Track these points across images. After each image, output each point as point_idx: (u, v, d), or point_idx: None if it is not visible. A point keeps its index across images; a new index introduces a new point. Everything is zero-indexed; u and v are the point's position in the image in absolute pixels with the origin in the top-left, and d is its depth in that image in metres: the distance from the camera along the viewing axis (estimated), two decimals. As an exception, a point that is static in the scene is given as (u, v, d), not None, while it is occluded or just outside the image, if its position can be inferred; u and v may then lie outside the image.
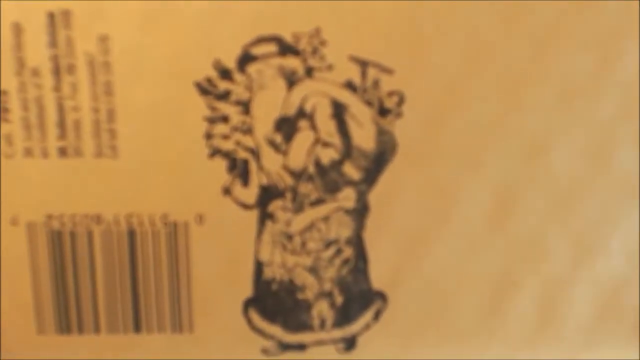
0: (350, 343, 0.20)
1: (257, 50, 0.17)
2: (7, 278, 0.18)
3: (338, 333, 0.20)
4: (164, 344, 0.19)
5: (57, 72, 0.17)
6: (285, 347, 0.20)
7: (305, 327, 0.20)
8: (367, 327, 0.20)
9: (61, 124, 0.17)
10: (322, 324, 0.20)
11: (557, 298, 0.20)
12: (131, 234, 0.18)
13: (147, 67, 0.17)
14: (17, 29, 0.16)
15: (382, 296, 0.19)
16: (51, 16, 0.16)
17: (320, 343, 0.20)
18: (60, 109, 0.17)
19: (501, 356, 0.20)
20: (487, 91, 0.18)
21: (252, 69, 0.17)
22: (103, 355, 0.19)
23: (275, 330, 0.20)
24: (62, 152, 0.17)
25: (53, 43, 0.16)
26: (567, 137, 0.18)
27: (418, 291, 0.19)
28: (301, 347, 0.20)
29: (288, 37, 0.17)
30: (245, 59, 0.17)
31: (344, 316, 0.20)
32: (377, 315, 0.20)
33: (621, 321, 0.20)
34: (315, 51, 0.17)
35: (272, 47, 0.17)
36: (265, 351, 0.20)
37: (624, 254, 0.19)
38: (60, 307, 0.19)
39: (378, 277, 0.19)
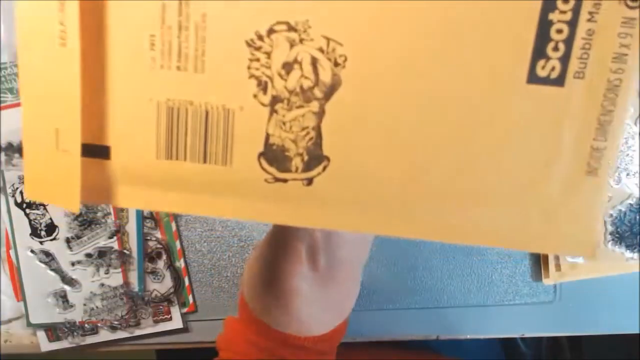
0: (309, 181, 0.27)
1: (276, 28, 0.25)
2: None
3: (304, 175, 0.27)
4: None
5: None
6: (278, 179, 0.27)
7: (288, 170, 0.27)
8: (318, 174, 0.27)
9: None
10: (297, 169, 0.27)
11: None
12: None
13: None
14: None
15: (327, 158, 0.26)
16: None
17: (295, 179, 0.27)
18: None
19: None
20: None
21: (273, 37, 0.25)
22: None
23: (273, 170, 0.27)
24: None
25: None
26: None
27: (354, 155, 0.25)
28: (285, 180, 0.27)
29: (293, 23, 0.24)
30: (269, 32, 0.25)
31: (307, 166, 0.27)
32: (324, 169, 0.27)
33: None
34: (305, 30, 0.25)
35: (284, 27, 0.25)
36: (266, 180, 0.27)
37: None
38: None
39: (327, 147, 0.26)
